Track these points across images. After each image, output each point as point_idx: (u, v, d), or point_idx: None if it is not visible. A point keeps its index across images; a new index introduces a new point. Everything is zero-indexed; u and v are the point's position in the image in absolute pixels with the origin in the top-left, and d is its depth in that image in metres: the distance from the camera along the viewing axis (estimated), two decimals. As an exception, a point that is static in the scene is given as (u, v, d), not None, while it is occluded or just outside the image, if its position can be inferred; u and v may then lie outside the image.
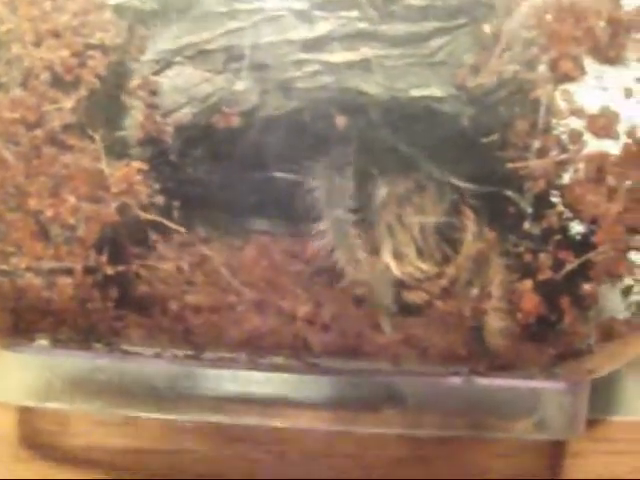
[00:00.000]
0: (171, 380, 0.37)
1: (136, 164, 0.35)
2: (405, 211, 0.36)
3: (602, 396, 0.42)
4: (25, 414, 0.42)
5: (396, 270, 0.36)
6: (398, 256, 0.36)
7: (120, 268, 0.35)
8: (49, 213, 0.35)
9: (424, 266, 0.36)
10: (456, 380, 0.37)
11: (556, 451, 0.42)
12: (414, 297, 0.37)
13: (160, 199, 0.35)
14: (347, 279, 0.36)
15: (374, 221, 0.37)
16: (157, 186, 0.35)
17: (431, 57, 0.36)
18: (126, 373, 0.37)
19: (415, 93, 0.36)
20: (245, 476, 0.42)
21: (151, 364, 0.37)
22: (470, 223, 0.36)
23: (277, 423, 0.37)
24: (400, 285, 0.36)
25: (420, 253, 0.36)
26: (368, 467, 0.42)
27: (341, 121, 0.36)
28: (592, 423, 0.41)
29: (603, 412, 0.42)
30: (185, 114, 0.36)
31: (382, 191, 0.36)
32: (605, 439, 0.42)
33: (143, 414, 0.38)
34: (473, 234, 0.36)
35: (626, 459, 0.42)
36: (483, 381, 0.37)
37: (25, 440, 0.42)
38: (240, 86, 0.36)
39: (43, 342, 0.37)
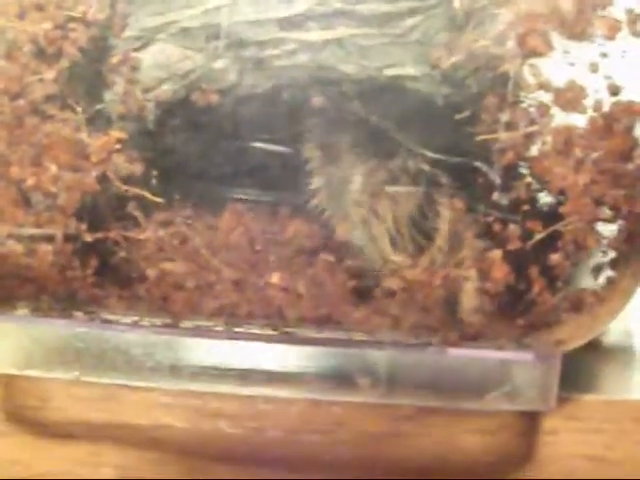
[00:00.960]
0: (149, 348, 0.38)
1: (115, 133, 0.36)
2: (379, 203, 0.37)
3: (574, 375, 0.42)
4: (7, 390, 0.42)
5: (371, 256, 0.37)
6: (374, 243, 0.37)
7: (99, 235, 0.36)
8: (30, 181, 0.36)
9: (397, 258, 0.37)
10: (428, 351, 0.38)
11: (530, 428, 0.42)
12: (390, 283, 0.37)
13: (138, 168, 0.36)
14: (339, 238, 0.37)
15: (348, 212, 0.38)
16: (135, 155, 0.36)
17: (405, 36, 0.37)
18: (105, 341, 0.38)
19: (390, 72, 0.37)
20: (223, 451, 0.42)
21: (130, 333, 0.38)
22: (445, 210, 0.37)
23: (253, 392, 0.38)
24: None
25: (394, 244, 0.37)
26: (342, 443, 0.42)
27: (318, 101, 0.37)
28: (565, 401, 0.42)
29: (576, 390, 0.43)
30: (165, 90, 0.37)
31: (356, 182, 0.37)
32: (578, 417, 0.42)
33: (121, 382, 0.38)
34: (448, 220, 0.37)
35: (599, 437, 0.42)
36: (454, 352, 0.38)
37: (8, 415, 0.42)
38: (219, 64, 0.37)
39: (23, 311, 0.38)
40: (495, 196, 0.36)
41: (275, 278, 0.36)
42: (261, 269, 0.37)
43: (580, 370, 0.44)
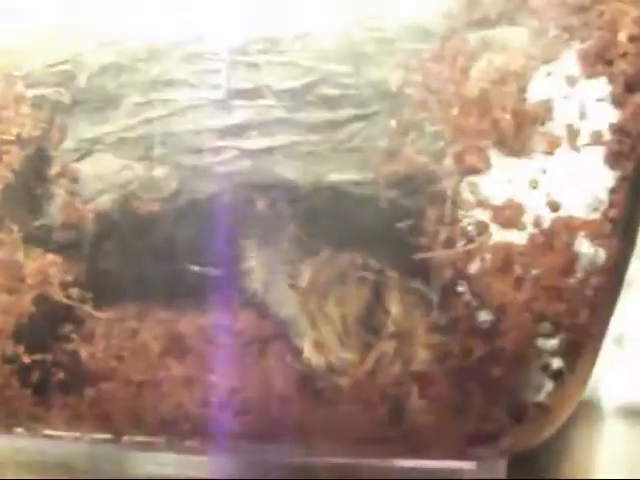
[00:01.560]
0: (92, 461, 0.38)
1: (50, 256, 0.36)
2: (326, 302, 0.37)
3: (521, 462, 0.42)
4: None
5: (316, 361, 0.37)
6: (320, 346, 0.37)
7: (37, 357, 0.36)
8: (-33, 304, 0.36)
9: (346, 355, 0.37)
10: (373, 460, 0.38)
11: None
12: (338, 380, 0.37)
13: (74, 291, 0.36)
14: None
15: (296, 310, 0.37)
16: (70, 278, 0.36)
17: (347, 142, 0.37)
18: (47, 454, 0.38)
19: (333, 177, 0.37)
20: None
21: (72, 446, 0.38)
22: (394, 306, 0.37)
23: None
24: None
25: (342, 343, 0.37)
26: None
27: (262, 204, 0.37)
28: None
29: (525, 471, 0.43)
30: (104, 201, 0.37)
31: (304, 278, 0.37)
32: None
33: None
34: (397, 315, 0.37)
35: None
36: (399, 462, 0.38)
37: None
38: (159, 172, 0.37)
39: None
40: (434, 314, 0.36)
41: (219, 396, 0.36)
42: (214, 375, 0.37)
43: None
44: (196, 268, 0.36)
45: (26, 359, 0.36)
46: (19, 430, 0.38)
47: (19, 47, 0.36)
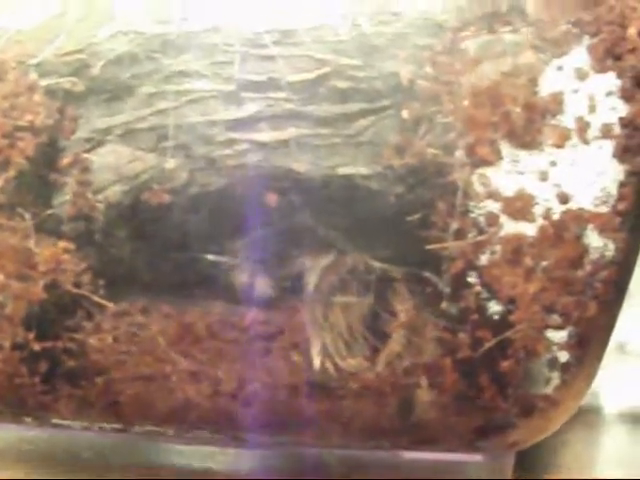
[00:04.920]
0: (100, 451, 0.38)
1: (62, 244, 0.36)
2: (331, 310, 0.37)
3: (534, 454, 0.42)
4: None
5: (323, 366, 0.37)
6: (328, 354, 0.37)
7: (47, 344, 0.36)
8: (-22, 290, 0.36)
9: (354, 362, 0.37)
10: (381, 452, 0.38)
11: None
12: (347, 386, 0.37)
13: (87, 278, 0.36)
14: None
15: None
16: (83, 265, 0.36)
17: (357, 137, 0.37)
18: (55, 444, 0.38)
19: (342, 171, 0.37)
20: None
21: (80, 436, 0.38)
22: (399, 306, 0.37)
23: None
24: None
25: (349, 349, 0.37)
26: None
27: (272, 199, 0.37)
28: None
29: (534, 471, 0.43)
30: (115, 192, 0.37)
31: (311, 283, 0.37)
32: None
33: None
34: (405, 314, 0.37)
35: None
36: (407, 454, 0.38)
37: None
38: (170, 164, 0.37)
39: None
40: (444, 305, 0.36)
41: (227, 386, 0.36)
42: (220, 370, 0.37)
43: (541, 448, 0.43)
44: (209, 256, 0.36)
45: (36, 346, 0.36)
46: (28, 420, 0.38)
47: (33, 36, 0.36)
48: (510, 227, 0.36)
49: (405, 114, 0.36)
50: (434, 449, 0.38)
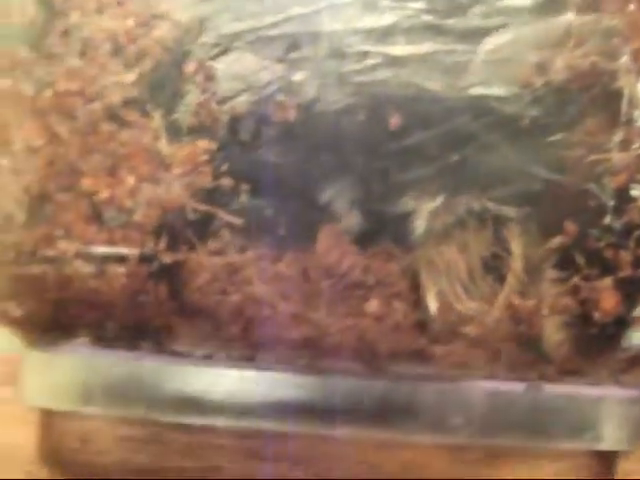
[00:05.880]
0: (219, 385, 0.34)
1: (202, 143, 0.32)
2: (447, 249, 0.35)
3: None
4: (45, 430, 0.38)
5: (438, 311, 0.35)
6: (445, 298, 0.35)
7: (180, 257, 0.32)
8: (104, 194, 0.32)
9: (473, 305, 0.35)
10: (520, 388, 0.35)
11: (604, 470, 0.40)
12: (469, 331, 0.35)
13: (227, 182, 0.33)
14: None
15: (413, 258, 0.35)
16: (225, 167, 0.33)
17: (494, 54, 0.35)
18: (170, 380, 0.34)
19: (476, 91, 0.35)
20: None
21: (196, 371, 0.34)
22: (516, 247, 0.34)
23: (334, 432, 0.35)
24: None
25: (468, 292, 0.35)
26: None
27: (396, 121, 0.34)
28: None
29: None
30: (241, 102, 0.34)
31: (419, 226, 0.35)
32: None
33: (187, 421, 0.35)
34: (521, 257, 0.34)
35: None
36: (549, 388, 0.35)
37: (43, 457, 0.38)
38: (299, 77, 0.34)
39: (84, 340, 0.34)
40: (607, 220, 0.34)
41: (372, 306, 0.33)
42: (320, 313, 0.34)
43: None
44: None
45: (166, 259, 0.32)
46: (145, 345, 0.34)
47: None
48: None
49: (556, 23, 0.34)
50: (576, 381, 0.36)
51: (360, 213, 0.34)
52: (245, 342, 0.34)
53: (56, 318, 0.33)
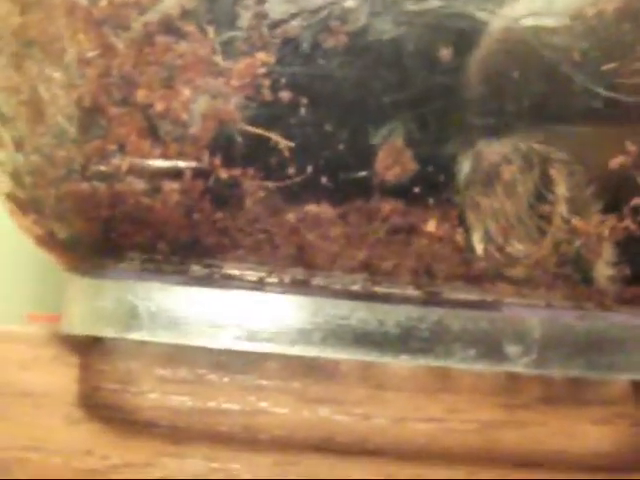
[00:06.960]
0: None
1: (260, 55, 0.32)
2: (493, 190, 0.34)
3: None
4: (83, 371, 0.37)
5: (485, 252, 0.34)
6: (490, 240, 0.34)
7: (236, 172, 0.32)
8: (159, 107, 0.31)
9: (520, 247, 0.34)
10: (576, 316, 0.35)
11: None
12: (515, 273, 0.34)
13: (286, 95, 0.32)
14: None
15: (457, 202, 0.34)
16: (283, 80, 0.32)
17: (546, -17, 0.34)
18: (219, 306, 0.33)
19: (527, 22, 0.34)
20: (324, 440, 0.38)
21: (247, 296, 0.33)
22: (562, 189, 0.34)
23: (384, 359, 0.34)
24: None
25: (514, 233, 0.34)
26: (453, 431, 0.38)
27: (445, 55, 0.34)
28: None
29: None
30: (293, 27, 0.33)
31: (465, 167, 0.34)
32: None
33: (239, 348, 0.34)
34: (566, 198, 0.34)
35: None
36: (602, 318, 0.35)
37: (82, 400, 0.37)
38: (351, 3, 0.34)
39: (132, 263, 0.33)
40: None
41: (431, 226, 0.33)
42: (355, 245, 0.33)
43: None
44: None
45: (223, 174, 0.32)
46: (196, 269, 0.33)
47: None
48: None
49: None
50: (635, 311, 0.35)
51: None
52: (300, 263, 0.33)
53: (105, 239, 0.32)
